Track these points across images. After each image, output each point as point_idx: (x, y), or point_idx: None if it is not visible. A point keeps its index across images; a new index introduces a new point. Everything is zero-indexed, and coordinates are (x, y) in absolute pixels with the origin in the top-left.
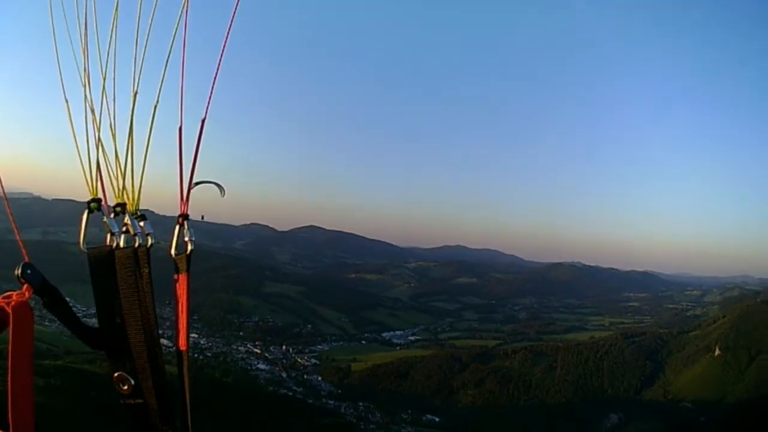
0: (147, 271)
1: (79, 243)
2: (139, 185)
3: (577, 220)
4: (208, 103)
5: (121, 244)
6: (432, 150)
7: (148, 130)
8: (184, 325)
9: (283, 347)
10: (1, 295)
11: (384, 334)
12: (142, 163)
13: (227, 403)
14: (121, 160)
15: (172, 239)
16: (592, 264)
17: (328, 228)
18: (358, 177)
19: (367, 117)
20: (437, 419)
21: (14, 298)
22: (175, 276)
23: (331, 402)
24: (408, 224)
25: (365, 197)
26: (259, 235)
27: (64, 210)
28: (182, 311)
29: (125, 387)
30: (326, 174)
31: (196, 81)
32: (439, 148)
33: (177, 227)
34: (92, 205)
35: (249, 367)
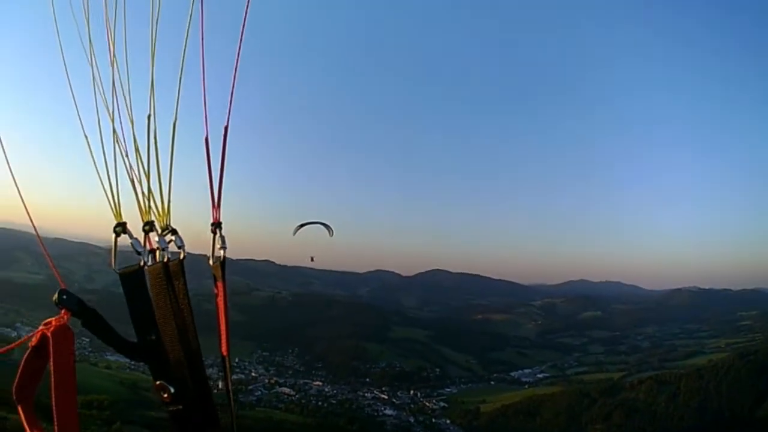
0: (181, 283)
1: (111, 264)
2: (167, 201)
3: (693, 243)
4: (229, 110)
5: (149, 261)
6: (548, 188)
7: (170, 147)
8: (225, 331)
9: (411, 392)
10: (43, 323)
11: (512, 374)
12: (168, 180)
13: None
14: (143, 180)
15: (211, 249)
16: (707, 287)
17: (452, 271)
18: (480, 218)
19: (484, 161)
20: None
21: (53, 323)
22: (214, 287)
23: None
24: (531, 261)
25: (487, 237)
26: (384, 282)
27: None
28: (222, 318)
29: (165, 395)
30: (448, 217)
31: (221, 92)
32: (555, 185)
33: (211, 236)
34: (117, 229)
35: (376, 414)
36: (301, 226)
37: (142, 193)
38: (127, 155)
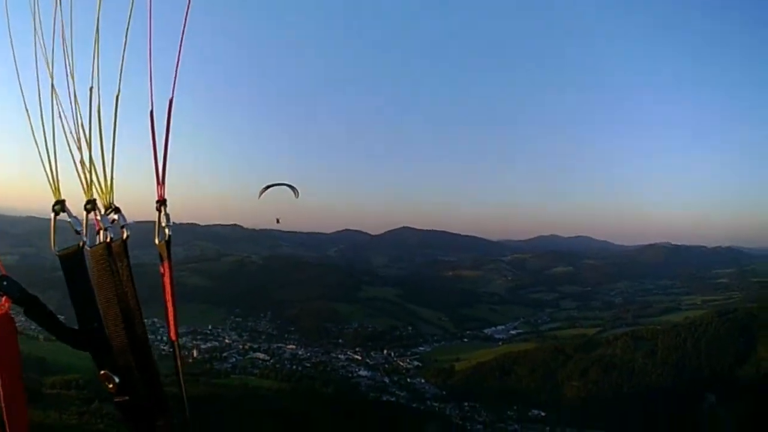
0: (125, 264)
1: (51, 247)
2: (110, 178)
3: (663, 200)
4: (174, 83)
5: (89, 241)
6: (516, 141)
7: (113, 121)
8: (173, 315)
9: (384, 351)
10: None
11: (485, 330)
12: (111, 156)
13: (328, 414)
14: (85, 156)
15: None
16: (680, 243)
17: (420, 228)
18: (446, 175)
19: (449, 114)
20: (543, 414)
21: None
22: (160, 266)
23: (436, 404)
24: (499, 217)
25: (454, 194)
26: (352, 241)
27: (147, 232)
28: (169, 301)
29: (110, 385)
30: (414, 174)
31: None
32: (522, 138)
33: (156, 214)
34: (56, 207)
35: (350, 375)
36: (266, 188)
37: (85, 169)
38: (71, 132)
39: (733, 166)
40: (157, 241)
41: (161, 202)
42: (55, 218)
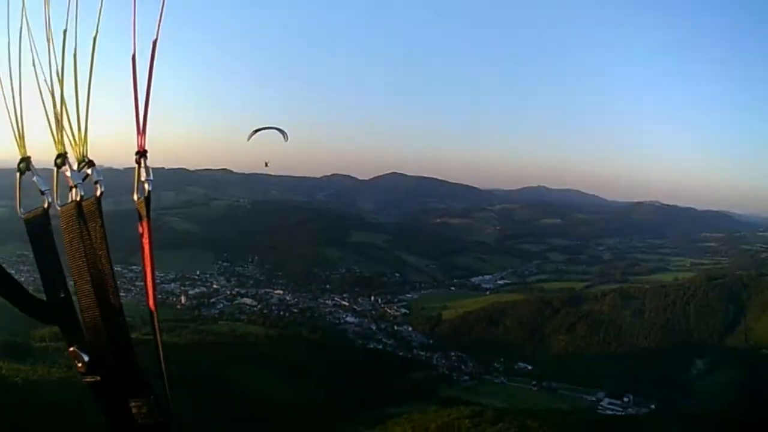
0: (98, 225)
1: (16, 209)
2: (84, 127)
3: (655, 157)
4: (159, 23)
5: (58, 201)
6: (508, 91)
7: (89, 65)
8: (151, 281)
9: (372, 298)
10: None
11: (473, 279)
12: (86, 103)
13: (317, 362)
14: (57, 104)
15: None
16: (671, 203)
17: (410, 174)
18: (436, 121)
19: (443, 63)
20: (530, 367)
21: None
22: (139, 226)
23: (423, 353)
24: (488, 166)
25: (444, 141)
26: (341, 186)
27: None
28: (147, 266)
29: (79, 364)
30: (405, 120)
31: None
32: (514, 87)
33: (135, 167)
34: (21, 166)
35: (337, 321)
36: (256, 131)
37: (58, 117)
38: (44, 80)
39: (726, 129)
40: (135, 197)
41: (141, 154)
42: (20, 177)
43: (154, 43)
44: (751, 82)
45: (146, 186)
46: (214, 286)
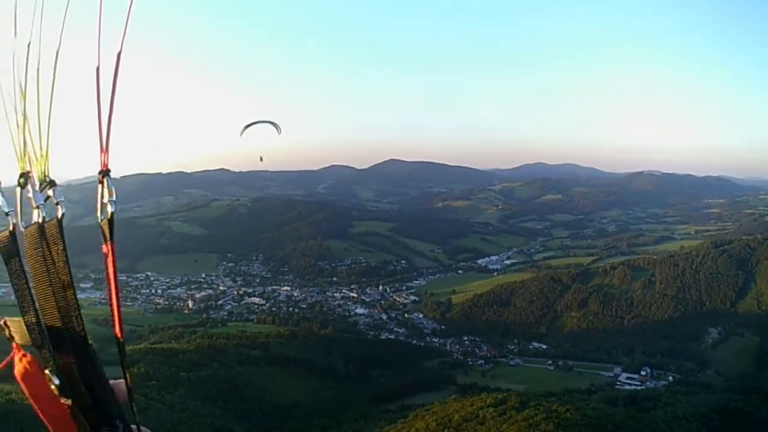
0: (60, 248)
1: None
2: (46, 144)
3: (650, 127)
4: (124, 35)
5: (18, 223)
6: (500, 70)
7: (51, 79)
8: (117, 307)
9: (380, 287)
10: None
11: (479, 261)
12: (48, 119)
13: (330, 357)
14: (20, 120)
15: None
16: (670, 171)
17: (408, 160)
18: (430, 105)
19: (433, 47)
20: (544, 346)
21: None
22: (103, 247)
23: (436, 340)
24: (485, 146)
25: (439, 124)
26: (340, 176)
27: (134, 185)
28: (112, 290)
29: (52, 387)
30: (399, 106)
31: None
32: (505, 69)
33: (99, 186)
34: None
35: (347, 313)
36: (248, 126)
37: (20, 135)
38: (8, 93)
39: (721, 93)
40: (99, 218)
41: (104, 173)
42: None
43: (119, 55)
44: (745, 44)
45: (109, 207)
46: (221, 287)
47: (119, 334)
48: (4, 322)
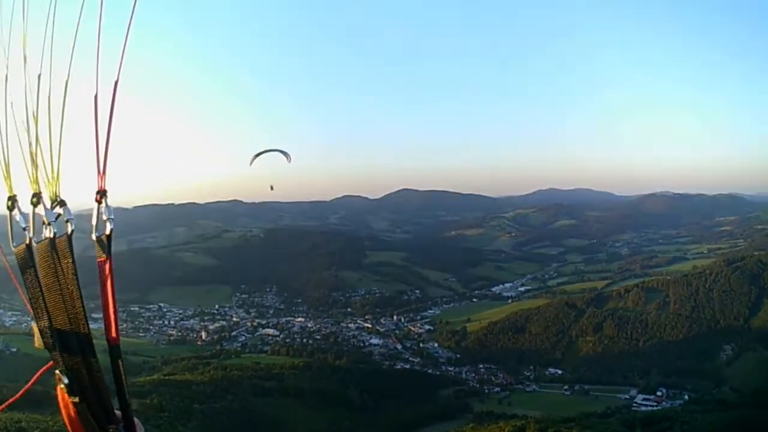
0: (69, 261)
1: (10, 246)
2: (57, 167)
3: (660, 147)
4: (120, 64)
5: (34, 237)
6: (511, 95)
7: (62, 106)
8: (113, 315)
9: (394, 317)
10: None
11: (493, 289)
12: (59, 143)
13: (345, 388)
14: (33, 146)
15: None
16: (681, 191)
17: (420, 189)
18: (442, 134)
19: (444, 74)
20: (560, 372)
21: None
22: (98, 261)
23: (451, 368)
24: (497, 173)
25: (451, 153)
26: (353, 207)
27: (147, 216)
28: (109, 300)
29: (61, 386)
30: (410, 135)
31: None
32: (514, 96)
33: (96, 205)
34: (9, 203)
35: (362, 344)
36: (258, 155)
37: (33, 158)
38: (23, 122)
39: (730, 111)
40: (94, 237)
41: (101, 194)
42: (11, 214)
43: (116, 84)
44: (750, 59)
45: (108, 225)
46: (234, 318)
47: (114, 333)
48: (32, 329)
